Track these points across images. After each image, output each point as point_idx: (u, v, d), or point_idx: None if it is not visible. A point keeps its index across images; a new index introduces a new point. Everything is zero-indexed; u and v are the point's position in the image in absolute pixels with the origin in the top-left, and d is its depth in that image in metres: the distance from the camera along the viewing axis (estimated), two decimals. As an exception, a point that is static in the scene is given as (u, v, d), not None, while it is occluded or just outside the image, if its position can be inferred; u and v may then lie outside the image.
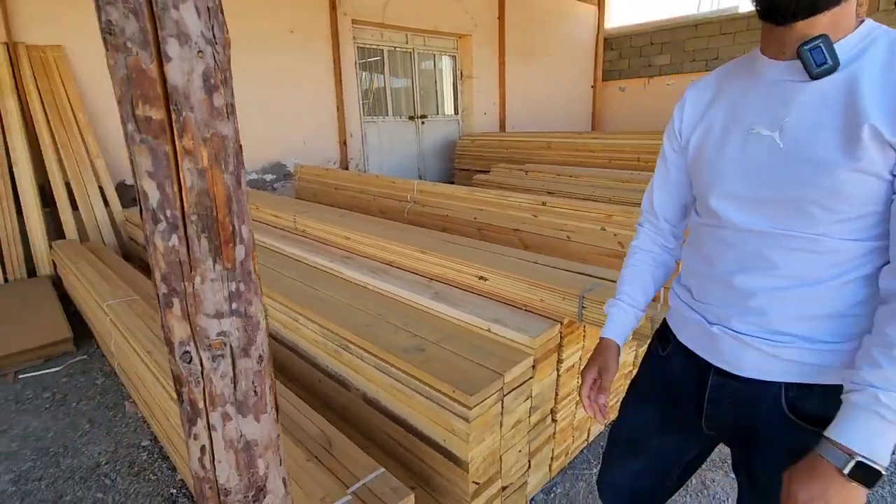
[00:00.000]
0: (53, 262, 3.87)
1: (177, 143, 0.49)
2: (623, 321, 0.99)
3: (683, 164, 0.91)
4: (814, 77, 0.68)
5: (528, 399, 1.51)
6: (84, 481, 1.82)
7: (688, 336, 0.89)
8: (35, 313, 3.04)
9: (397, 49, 6.71)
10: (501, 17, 7.43)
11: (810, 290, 0.73)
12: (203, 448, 0.58)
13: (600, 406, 0.95)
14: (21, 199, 3.89)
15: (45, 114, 4.00)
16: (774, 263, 0.75)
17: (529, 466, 1.62)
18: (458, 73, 7.51)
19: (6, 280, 3.79)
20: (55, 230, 4.06)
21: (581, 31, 9.00)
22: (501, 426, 1.42)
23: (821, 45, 0.66)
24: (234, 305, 0.55)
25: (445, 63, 7.40)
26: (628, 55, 9.31)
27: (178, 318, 0.54)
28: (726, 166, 0.78)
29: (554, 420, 1.67)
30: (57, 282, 3.70)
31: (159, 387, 1.77)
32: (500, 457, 1.46)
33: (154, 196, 0.50)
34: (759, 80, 0.76)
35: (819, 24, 0.67)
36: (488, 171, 5.37)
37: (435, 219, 3.55)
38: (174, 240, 0.51)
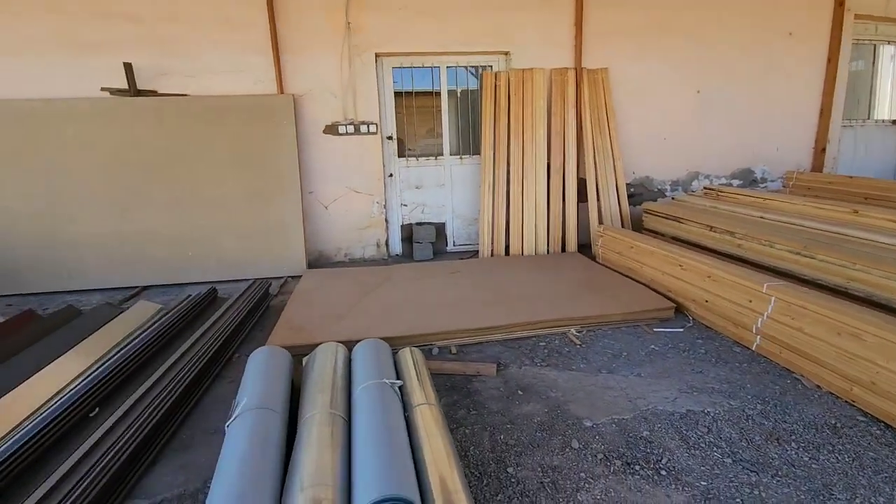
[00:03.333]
0: (588, 240, 4.77)
1: None
2: None
3: None
4: None
5: None
6: (827, 436, 2.06)
7: None
8: (621, 285, 3.74)
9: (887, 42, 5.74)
10: None
11: None
12: None
13: None
14: (566, 191, 4.94)
15: (591, 122, 4.94)
16: None
17: None
18: (975, 63, 5.92)
19: (548, 251, 4.89)
20: (578, 218, 4.99)
21: None
22: None
23: None
24: None
25: (951, 52, 5.94)
26: None
27: None
28: None
29: None
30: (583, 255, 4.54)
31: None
32: None
33: None
34: None
35: None
36: None
37: None
38: None
